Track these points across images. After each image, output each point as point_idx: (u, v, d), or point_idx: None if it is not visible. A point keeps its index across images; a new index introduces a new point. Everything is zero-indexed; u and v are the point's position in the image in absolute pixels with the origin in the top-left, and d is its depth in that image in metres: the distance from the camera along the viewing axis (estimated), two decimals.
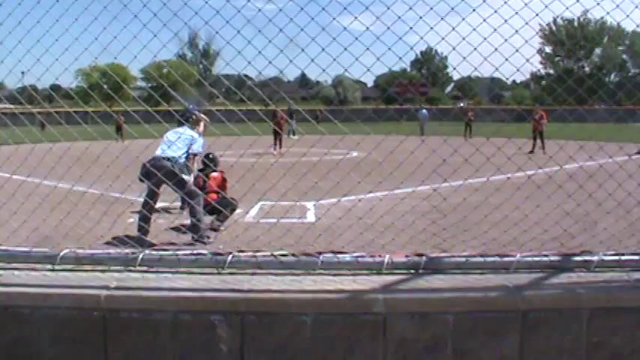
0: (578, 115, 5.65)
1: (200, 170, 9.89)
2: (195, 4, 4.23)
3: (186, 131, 9.18)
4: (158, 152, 8.73)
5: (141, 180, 8.07)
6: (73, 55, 4.08)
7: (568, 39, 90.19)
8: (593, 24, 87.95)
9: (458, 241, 4.76)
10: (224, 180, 10.01)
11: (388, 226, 5.22)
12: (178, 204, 10.65)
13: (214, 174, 9.80)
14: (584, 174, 5.02)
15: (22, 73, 4.60)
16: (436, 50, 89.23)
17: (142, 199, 8.62)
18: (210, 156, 10.04)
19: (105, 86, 5.30)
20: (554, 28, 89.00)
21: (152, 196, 8.18)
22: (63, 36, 4.07)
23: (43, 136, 5.13)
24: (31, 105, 5.91)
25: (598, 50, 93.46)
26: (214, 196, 9.40)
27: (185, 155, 8.90)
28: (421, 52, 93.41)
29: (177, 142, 8.81)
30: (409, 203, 5.66)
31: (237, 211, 9.90)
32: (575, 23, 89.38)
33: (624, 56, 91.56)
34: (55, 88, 5.16)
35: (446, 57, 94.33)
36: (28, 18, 4.06)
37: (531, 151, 22.67)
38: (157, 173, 7.40)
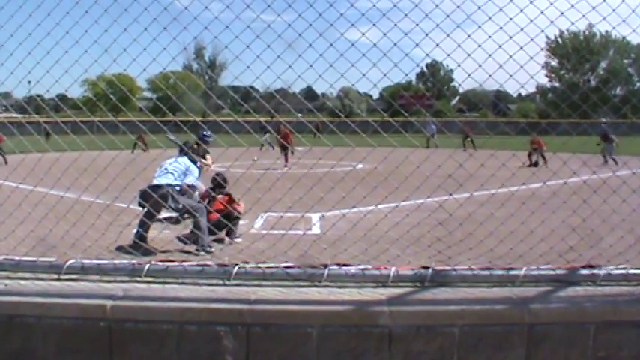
0: (582, 129, 5.66)
1: (211, 189, 9.92)
2: (204, 18, 4.27)
3: (184, 160, 9.34)
4: (155, 180, 8.93)
5: (141, 205, 8.22)
6: (83, 67, 4.12)
7: (573, 52, 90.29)
8: (599, 37, 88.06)
9: (464, 259, 4.75)
10: (231, 201, 9.92)
11: (394, 242, 5.22)
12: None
13: (220, 197, 9.76)
14: (588, 189, 5.02)
15: (29, 82, 4.63)
16: (441, 63, 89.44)
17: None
18: (220, 177, 10.00)
19: (112, 97, 5.33)
20: (560, 41, 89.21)
21: (150, 217, 8.32)
22: (71, 47, 4.13)
23: (49, 146, 5.15)
24: (38, 114, 5.93)
25: (603, 64, 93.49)
26: (214, 216, 9.37)
27: (180, 184, 9.06)
28: (426, 65, 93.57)
29: (173, 170, 9.05)
30: (415, 218, 5.65)
31: (243, 222, 9.90)
32: (581, 37, 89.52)
33: (630, 69, 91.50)
34: (61, 97, 5.19)
35: (451, 70, 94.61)
36: (39, 30, 4.10)
37: (530, 165, 22.51)
38: (155, 196, 7.61)
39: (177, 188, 8.99)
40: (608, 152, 23.59)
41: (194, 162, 9.52)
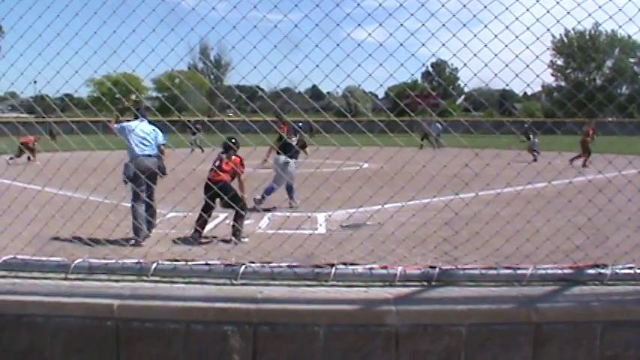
0: None
1: (222, 152, 9.95)
2: (211, 18, 4.28)
3: (151, 127, 9.50)
4: (139, 150, 9.02)
5: (128, 181, 8.24)
6: (92, 67, 4.14)
7: (579, 51, 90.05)
8: (605, 36, 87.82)
9: (470, 260, 4.75)
10: (242, 164, 9.99)
11: (400, 243, 5.22)
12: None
13: (235, 157, 9.85)
14: (593, 188, 5.01)
15: (35, 82, 4.65)
16: (446, 62, 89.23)
17: (158, 211, 8.83)
18: (233, 140, 10.03)
19: (122, 98, 5.36)
20: (565, 40, 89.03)
21: (137, 198, 8.39)
22: (80, 47, 4.15)
23: (57, 146, 5.16)
24: (45, 114, 5.96)
25: (609, 63, 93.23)
26: (226, 176, 9.42)
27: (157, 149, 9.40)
28: (432, 65, 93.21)
29: (150, 139, 9.24)
30: (421, 217, 5.65)
31: (248, 221, 9.92)
32: (587, 35, 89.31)
33: (635, 68, 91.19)
34: (69, 98, 5.21)
35: (456, 68, 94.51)
36: (49, 31, 4.12)
37: (584, 165, 21.60)
38: (153, 169, 8.06)
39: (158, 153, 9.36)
40: (533, 146, 26.05)
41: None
